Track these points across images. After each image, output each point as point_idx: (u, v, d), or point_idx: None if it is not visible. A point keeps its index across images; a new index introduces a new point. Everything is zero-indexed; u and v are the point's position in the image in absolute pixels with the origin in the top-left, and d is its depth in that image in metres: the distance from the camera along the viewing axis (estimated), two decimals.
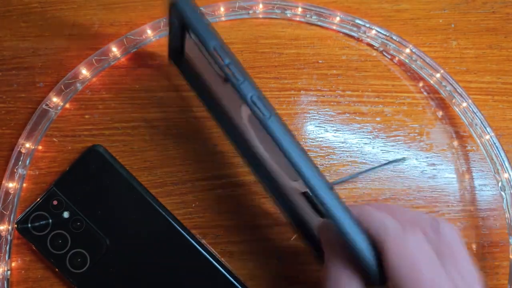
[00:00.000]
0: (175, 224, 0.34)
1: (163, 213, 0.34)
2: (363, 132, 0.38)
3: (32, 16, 0.39)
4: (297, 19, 0.39)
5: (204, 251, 0.34)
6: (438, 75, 0.38)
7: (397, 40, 0.38)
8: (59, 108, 0.37)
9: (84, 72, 0.37)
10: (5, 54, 0.38)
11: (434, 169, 0.38)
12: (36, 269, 0.35)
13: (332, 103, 0.38)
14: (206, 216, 0.36)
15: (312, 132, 0.38)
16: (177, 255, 0.33)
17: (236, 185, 0.36)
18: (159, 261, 0.33)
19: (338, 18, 0.39)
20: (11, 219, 0.35)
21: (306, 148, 0.37)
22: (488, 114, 0.38)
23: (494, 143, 0.36)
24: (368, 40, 0.39)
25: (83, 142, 0.36)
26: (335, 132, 0.38)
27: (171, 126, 0.37)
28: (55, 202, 0.34)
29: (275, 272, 0.36)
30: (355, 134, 0.38)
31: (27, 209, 0.34)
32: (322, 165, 0.37)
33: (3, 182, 0.35)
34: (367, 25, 0.38)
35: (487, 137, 0.36)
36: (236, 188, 0.36)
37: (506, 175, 0.36)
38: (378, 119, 0.38)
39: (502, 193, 0.36)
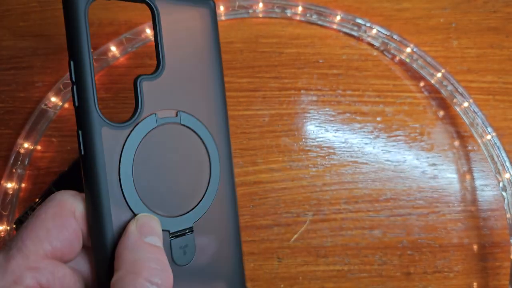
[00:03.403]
0: None
1: None
2: (364, 132, 0.38)
3: (31, 16, 0.39)
4: (297, 18, 0.39)
5: None
6: (439, 74, 0.37)
7: (398, 39, 0.38)
8: (58, 108, 0.37)
9: None
10: (3, 54, 0.38)
11: (435, 169, 0.37)
12: None
13: (332, 103, 0.38)
14: None
15: (312, 132, 0.38)
16: None
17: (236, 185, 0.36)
18: None
19: (338, 17, 0.38)
20: (10, 219, 0.35)
21: (307, 148, 0.37)
22: (489, 114, 0.37)
23: (495, 143, 0.36)
24: (369, 39, 0.39)
25: None
26: (335, 132, 0.38)
27: None
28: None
29: (275, 272, 0.36)
30: (355, 134, 0.38)
31: (26, 209, 0.34)
32: (323, 165, 0.37)
33: (2, 182, 0.35)
34: (368, 24, 0.38)
35: (488, 137, 0.36)
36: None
37: (507, 175, 0.35)
38: (378, 119, 0.38)
39: (503, 193, 0.36)
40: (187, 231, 0.23)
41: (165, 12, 0.23)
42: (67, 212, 0.20)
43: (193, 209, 0.23)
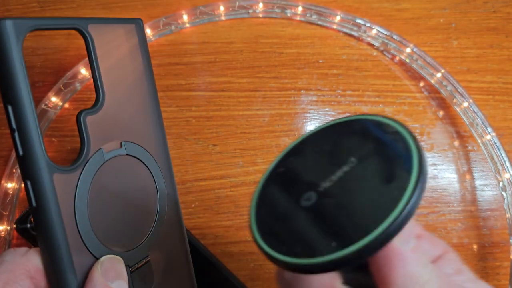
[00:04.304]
0: None
1: None
2: None
3: (31, 16, 0.39)
4: (297, 18, 0.39)
5: (203, 251, 0.33)
6: (439, 74, 0.38)
7: (398, 39, 0.38)
8: (58, 108, 0.37)
9: (83, 71, 0.37)
10: None
11: (435, 169, 0.37)
12: None
13: (332, 103, 0.38)
14: (205, 216, 0.36)
15: None
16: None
17: (235, 185, 0.36)
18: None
19: (338, 18, 0.38)
20: (10, 219, 0.35)
21: None
22: (489, 114, 0.37)
23: (495, 143, 0.36)
24: (369, 39, 0.39)
25: None
26: None
27: (170, 126, 0.37)
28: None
29: (275, 273, 0.36)
30: None
31: (26, 210, 0.34)
32: None
33: (2, 182, 0.35)
34: (368, 25, 0.38)
35: (488, 137, 0.36)
36: (235, 188, 0.36)
37: (507, 175, 0.35)
38: None
39: (503, 193, 0.36)
40: (144, 260, 0.22)
41: (98, 37, 0.21)
42: (20, 274, 0.18)
43: (147, 237, 0.23)
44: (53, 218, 0.18)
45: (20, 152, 0.18)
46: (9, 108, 0.18)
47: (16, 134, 0.18)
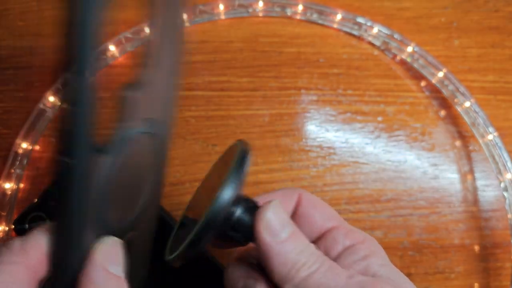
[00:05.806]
0: (173, 225, 0.33)
1: (162, 214, 0.34)
2: (365, 131, 0.37)
3: (29, 15, 0.38)
4: (298, 17, 0.39)
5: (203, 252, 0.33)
6: (440, 74, 0.37)
7: (399, 38, 0.38)
8: (56, 107, 0.36)
9: None
10: (2, 53, 0.38)
11: (436, 169, 0.37)
12: None
13: (333, 103, 0.38)
14: None
15: (312, 132, 0.37)
16: None
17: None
18: (157, 262, 0.33)
19: (339, 17, 0.38)
20: (8, 219, 0.35)
21: (307, 148, 0.37)
22: (490, 114, 0.37)
23: (497, 143, 0.36)
24: (370, 38, 0.39)
25: None
26: (336, 132, 0.37)
27: None
28: (52, 203, 0.33)
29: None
30: (356, 133, 0.37)
31: (25, 210, 0.34)
32: (323, 165, 0.37)
33: (0, 182, 0.35)
34: (369, 24, 0.38)
35: (490, 137, 0.36)
36: None
37: (508, 176, 0.35)
38: (379, 118, 0.38)
39: (505, 193, 0.35)
40: (125, 240, 0.22)
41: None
42: (21, 278, 0.18)
43: (133, 218, 0.23)
44: (82, 196, 0.18)
45: (71, 127, 0.17)
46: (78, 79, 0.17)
47: (70, 107, 0.17)
